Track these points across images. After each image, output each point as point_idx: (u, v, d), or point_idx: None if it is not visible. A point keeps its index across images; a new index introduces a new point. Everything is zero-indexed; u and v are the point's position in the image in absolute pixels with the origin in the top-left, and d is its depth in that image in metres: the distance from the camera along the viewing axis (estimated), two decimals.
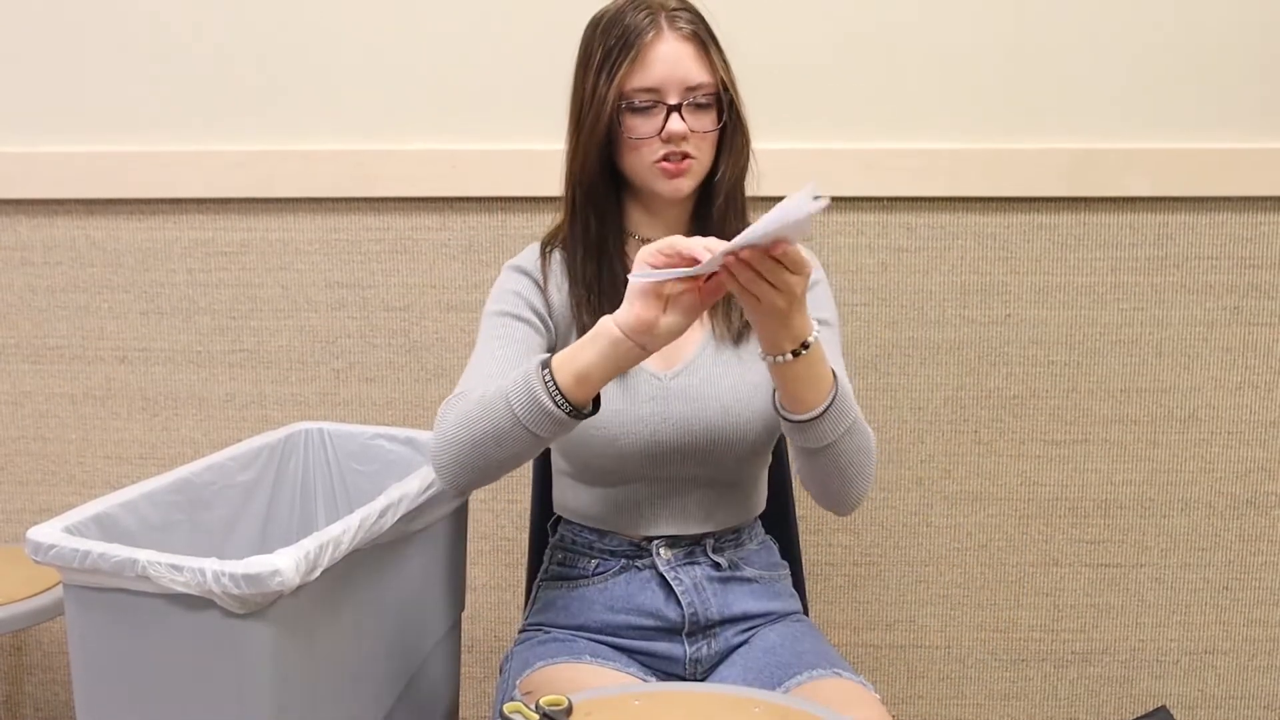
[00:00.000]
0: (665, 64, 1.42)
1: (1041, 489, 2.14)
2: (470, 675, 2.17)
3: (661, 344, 1.25)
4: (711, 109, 1.46)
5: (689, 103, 1.43)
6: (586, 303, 1.50)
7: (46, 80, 2.15)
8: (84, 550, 1.29)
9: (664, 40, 1.43)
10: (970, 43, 2.04)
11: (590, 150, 1.47)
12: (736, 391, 1.49)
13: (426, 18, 2.08)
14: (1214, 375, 2.10)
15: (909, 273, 2.09)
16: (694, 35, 1.44)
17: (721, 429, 1.48)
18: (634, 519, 1.53)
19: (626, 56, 1.42)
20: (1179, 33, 2.02)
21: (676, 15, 1.44)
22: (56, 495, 2.25)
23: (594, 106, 1.45)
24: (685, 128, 1.43)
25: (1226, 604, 2.16)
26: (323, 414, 2.18)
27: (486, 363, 1.45)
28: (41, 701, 2.32)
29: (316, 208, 2.14)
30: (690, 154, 1.45)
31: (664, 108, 1.43)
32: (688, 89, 1.43)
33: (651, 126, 1.44)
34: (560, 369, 1.28)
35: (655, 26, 1.43)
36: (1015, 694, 2.19)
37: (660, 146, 1.44)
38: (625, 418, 1.48)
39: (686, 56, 1.43)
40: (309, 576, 1.29)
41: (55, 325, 2.21)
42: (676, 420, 1.48)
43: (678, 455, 1.49)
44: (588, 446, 1.50)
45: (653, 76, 1.42)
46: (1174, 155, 2.04)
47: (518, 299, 1.52)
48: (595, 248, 1.51)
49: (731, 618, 1.53)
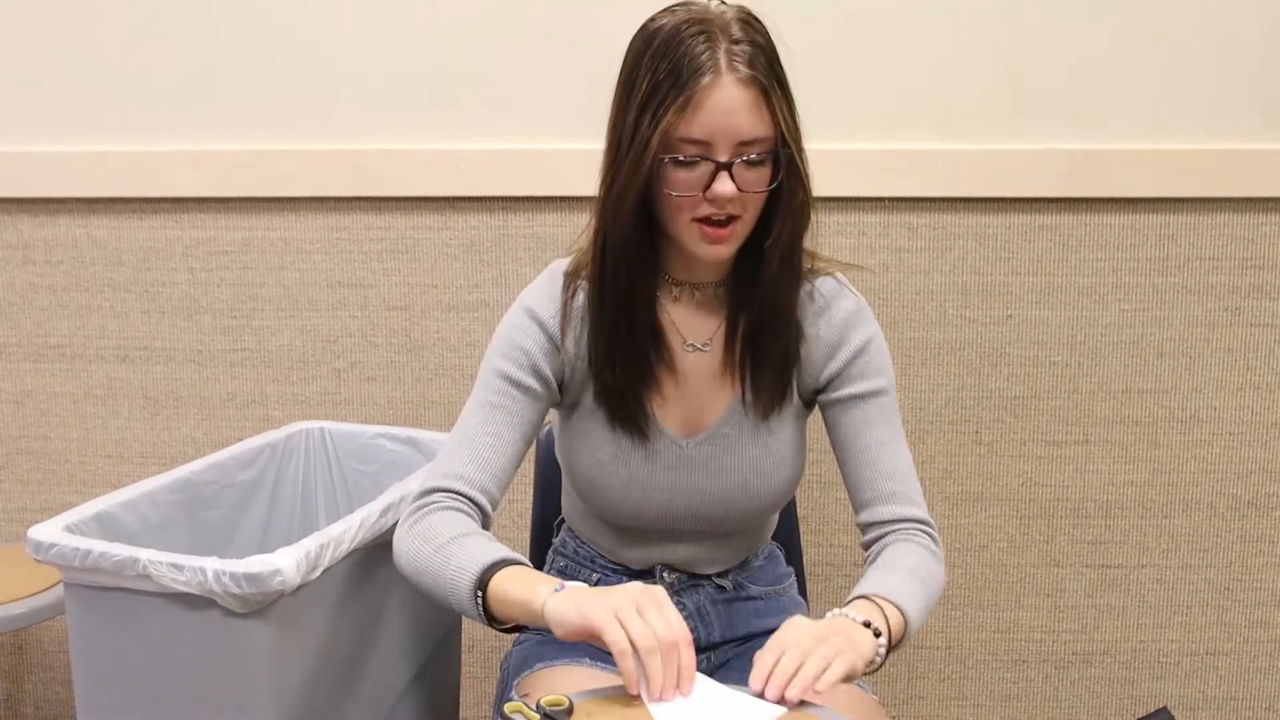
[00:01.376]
0: (719, 114, 1.24)
1: (1042, 490, 2.14)
2: (471, 675, 2.17)
3: None
4: (766, 165, 1.28)
5: (741, 160, 1.26)
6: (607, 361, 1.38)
7: (48, 80, 2.15)
8: (85, 549, 1.29)
9: (720, 86, 1.23)
10: (971, 42, 2.03)
11: (625, 200, 1.29)
12: (759, 464, 1.42)
13: (428, 17, 2.08)
14: (1215, 376, 2.10)
15: (910, 273, 2.09)
16: (754, 80, 1.24)
17: (739, 500, 1.43)
18: (641, 556, 1.50)
19: (675, 100, 1.23)
20: (1180, 33, 2.02)
21: (737, 51, 1.25)
22: (57, 494, 2.25)
23: (634, 150, 1.27)
24: (733, 189, 1.25)
25: (1228, 605, 2.15)
26: (324, 413, 2.18)
27: (474, 440, 1.35)
28: (42, 700, 2.32)
29: (318, 207, 2.14)
30: (736, 214, 1.28)
31: (712, 165, 1.25)
32: (741, 144, 1.25)
33: (695, 182, 1.26)
34: (493, 598, 1.21)
35: (713, 66, 1.23)
36: (1016, 695, 2.19)
37: (703, 206, 1.27)
38: (640, 485, 1.41)
39: (744, 106, 1.24)
40: (310, 576, 1.29)
41: (57, 324, 2.21)
42: (693, 490, 1.42)
43: (691, 518, 1.44)
44: (598, 502, 1.45)
45: (702, 128, 1.24)
46: (1176, 156, 2.04)
47: (523, 358, 1.38)
48: (624, 301, 1.35)
49: (734, 639, 1.52)
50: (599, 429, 1.41)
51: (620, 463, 1.41)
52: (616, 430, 1.41)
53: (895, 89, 2.05)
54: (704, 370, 1.42)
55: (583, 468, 1.44)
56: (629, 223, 1.31)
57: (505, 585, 1.21)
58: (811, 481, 2.09)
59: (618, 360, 1.37)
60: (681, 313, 1.42)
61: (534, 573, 1.24)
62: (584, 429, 1.43)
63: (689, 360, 1.42)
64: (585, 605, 1.13)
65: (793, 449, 1.45)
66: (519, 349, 1.38)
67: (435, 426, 2.08)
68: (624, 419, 1.40)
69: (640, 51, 1.29)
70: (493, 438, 1.35)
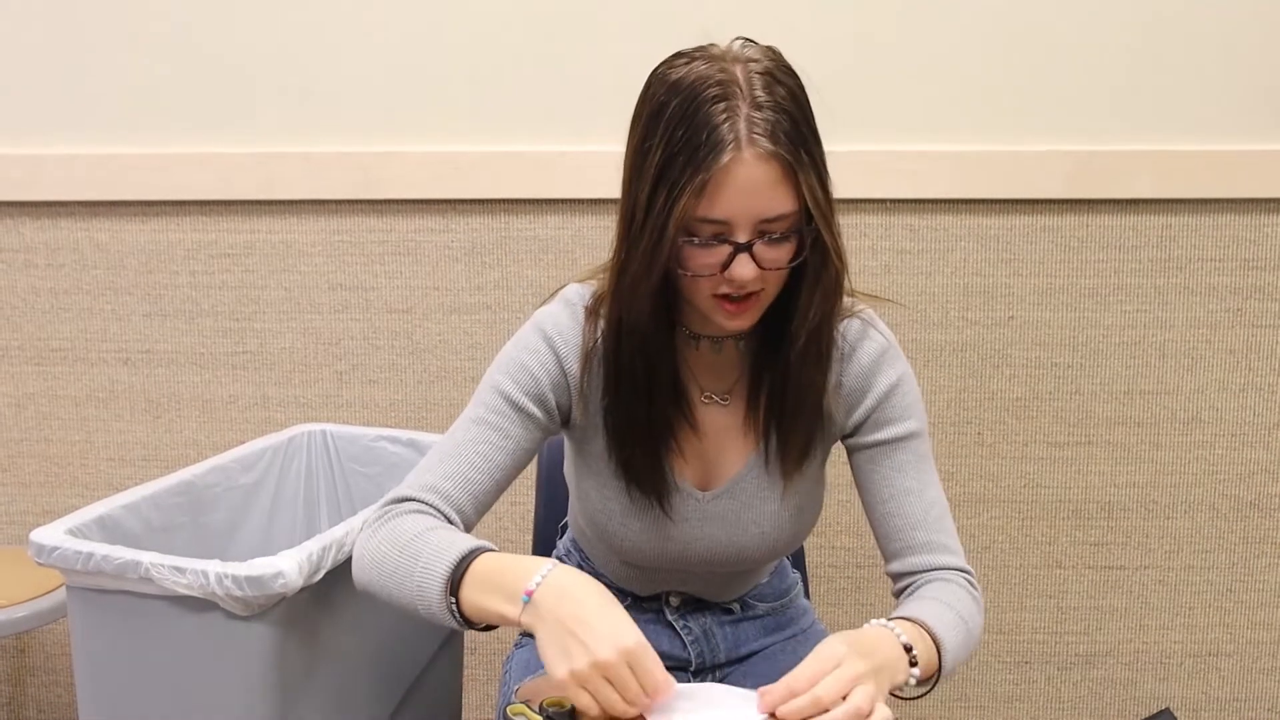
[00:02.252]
0: (738, 195, 1.13)
1: (1044, 491, 2.14)
2: (474, 678, 2.17)
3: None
4: (791, 240, 1.18)
5: (763, 239, 1.16)
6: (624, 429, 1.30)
7: (50, 83, 2.15)
8: (87, 552, 1.29)
9: (740, 164, 1.12)
10: (973, 44, 2.03)
11: (640, 289, 1.20)
12: (777, 519, 1.35)
13: (429, 20, 2.08)
14: (1217, 377, 2.10)
15: (912, 275, 2.09)
16: (776, 155, 1.12)
17: (754, 551, 1.36)
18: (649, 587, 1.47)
19: (693, 180, 1.12)
20: (1181, 35, 2.02)
21: (758, 119, 1.12)
22: (59, 497, 2.26)
23: (650, 231, 1.16)
24: (754, 271, 1.16)
25: (1230, 606, 2.15)
26: (325, 416, 2.18)
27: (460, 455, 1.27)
28: (44, 703, 2.32)
29: (319, 210, 2.14)
30: (757, 289, 1.20)
31: (731, 245, 1.16)
32: (763, 223, 1.15)
33: (713, 261, 1.17)
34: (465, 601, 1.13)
35: (734, 142, 1.12)
36: (1018, 696, 2.19)
37: (722, 283, 1.18)
38: (652, 535, 1.35)
39: (767, 184, 1.13)
40: (312, 578, 1.29)
41: (59, 327, 2.22)
42: (708, 540, 1.35)
43: (703, 566, 1.39)
44: (608, 542, 1.39)
45: (720, 209, 1.14)
46: (1177, 157, 2.04)
47: (530, 382, 1.28)
48: (643, 379, 1.27)
49: (739, 657, 1.51)
50: (612, 479, 1.34)
51: (633, 516, 1.35)
52: (631, 486, 1.33)
53: (897, 91, 2.05)
54: (723, 424, 1.35)
55: (594, 512, 1.38)
56: (646, 307, 1.22)
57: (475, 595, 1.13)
58: None
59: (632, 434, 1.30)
60: (699, 362, 1.33)
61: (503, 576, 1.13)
62: (597, 476, 1.36)
63: (707, 412, 1.34)
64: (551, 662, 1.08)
65: (812, 498, 1.39)
66: (527, 372, 1.28)
67: (437, 429, 2.08)
68: (639, 480, 1.32)
69: (655, 113, 1.17)
70: (480, 457, 1.26)
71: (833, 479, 2.07)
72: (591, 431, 1.33)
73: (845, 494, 2.09)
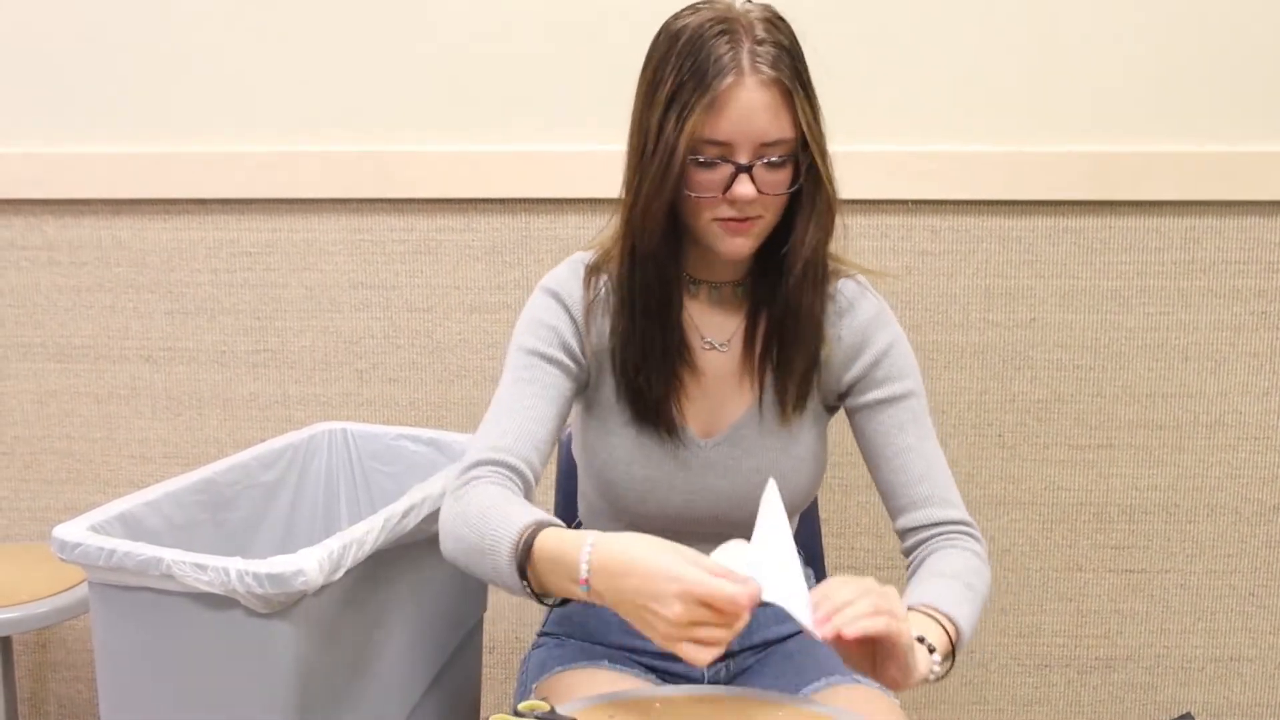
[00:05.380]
0: (740, 116, 1.24)
1: (1066, 494, 2.13)
2: (492, 676, 2.17)
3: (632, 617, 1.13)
4: (787, 167, 1.28)
5: (762, 162, 1.26)
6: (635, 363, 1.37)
7: (73, 82, 2.16)
8: (109, 549, 1.30)
9: (743, 87, 1.23)
10: (995, 45, 2.03)
11: (654, 206, 1.29)
12: (778, 468, 1.39)
13: (450, 19, 2.08)
14: (1241, 380, 2.09)
15: (933, 276, 2.08)
16: (777, 81, 1.24)
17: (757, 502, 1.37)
18: None
19: (700, 101, 1.23)
20: (1205, 35, 2.01)
21: (760, 51, 1.24)
22: (81, 494, 2.27)
23: (660, 154, 1.26)
24: (753, 192, 1.26)
25: (1253, 611, 2.14)
26: (346, 414, 2.18)
27: (512, 413, 1.34)
28: (65, 699, 2.33)
29: (340, 208, 2.15)
30: (757, 215, 1.29)
31: (733, 167, 1.26)
32: (763, 145, 1.25)
33: (716, 183, 1.27)
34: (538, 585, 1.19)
35: (736, 67, 1.23)
36: (1038, 700, 2.18)
37: (723, 205, 1.28)
38: (657, 483, 1.41)
39: (765, 108, 1.24)
40: (332, 576, 1.29)
41: (81, 325, 2.23)
42: (711, 491, 1.41)
43: (709, 519, 1.42)
44: (616, 498, 1.43)
45: (724, 129, 1.24)
46: (1201, 158, 2.03)
47: (550, 334, 1.38)
48: (656, 305, 1.35)
49: (752, 645, 1.51)
50: (619, 426, 1.41)
51: (639, 461, 1.40)
52: (638, 429, 1.40)
53: (919, 91, 2.04)
54: (723, 370, 1.41)
55: (601, 464, 1.43)
56: (658, 229, 1.30)
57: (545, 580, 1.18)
58: (834, 485, 2.08)
59: (640, 362, 1.36)
60: (700, 311, 1.41)
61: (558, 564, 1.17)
62: (603, 425, 1.42)
63: (707, 359, 1.41)
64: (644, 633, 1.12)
65: (812, 452, 1.43)
66: (545, 326, 1.38)
67: (457, 428, 2.09)
68: (646, 418, 1.39)
69: (664, 52, 1.28)
70: (531, 410, 1.33)
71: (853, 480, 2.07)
72: (599, 379, 1.41)
73: (865, 495, 2.09)
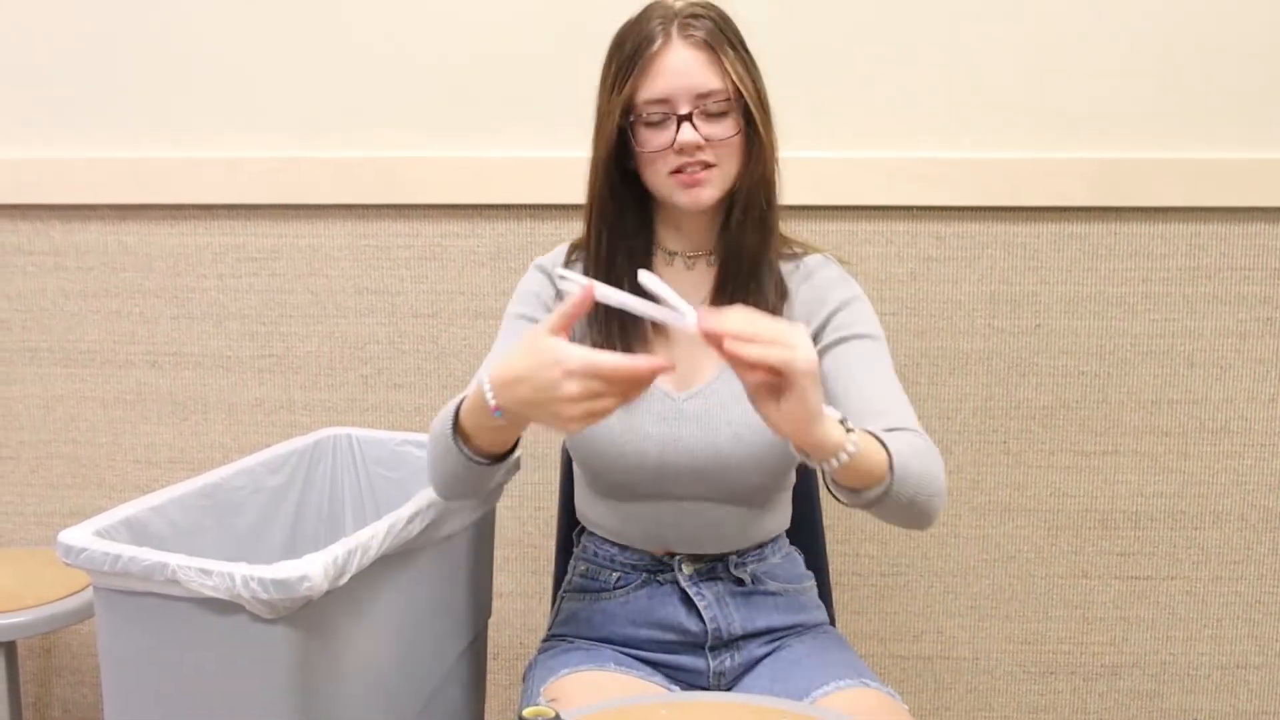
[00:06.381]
0: (673, 73, 1.38)
1: (1071, 500, 2.12)
2: (496, 682, 2.17)
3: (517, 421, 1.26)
4: (729, 115, 1.40)
5: (701, 110, 1.39)
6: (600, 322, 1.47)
7: (80, 88, 2.17)
8: (114, 554, 1.30)
9: (672, 49, 1.39)
10: (999, 51, 2.03)
11: (600, 164, 1.45)
12: (749, 418, 1.38)
13: (455, 25, 2.09)
14: (1247, 387, 2.08)
15: (938, 282, 2.08)
16: (704, 42, 1.39)
17: (733, 454, 1.44)
18: (651, 535, 1.52)
19: (634, 68, 1.39)
20: (1209, 40, 2.01)
21: (690, 22, 1.40)
22: (87, 498, 2.27)
23: (604, 117, 1.43)
24: (697, 137, 1.38)
25: (1259, 618, 2.13)
26: (351, 420, 2.19)
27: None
28: (70, 703, 2.34)
29: (346, 214, 2.15)
30: (710, 163, 1.41)
31: (675, 119, 1.39)
32: (698, 96, 1.38)
33: (664, 139, 1.40)
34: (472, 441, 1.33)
35: (665, 35, 1.39)
36: (1044, 707, 2.18)
37: (675, 158, 1.40)
38: (633, 435, 1.46)
39: (696, 64, 1.38)
40: (337, 582, 1.29)
41: (87, 329, 2.23)
42: (686, 443, 1.45)
43: (688, 476, 1.46)
44: (598, 459, 1.49)
45: (660, 87, 1.39)
46: (1206, 164, 2.02)
47: (536, 300, 1.52)
48: (606, 265, 1.47)
49: (755, 632, 1.52)
50: None
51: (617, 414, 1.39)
52: None
53: (923, 98, 2.04)
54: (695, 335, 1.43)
55: None
56: (605, 184, 1.45)
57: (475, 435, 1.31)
58: None
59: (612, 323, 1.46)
60: (673, 279, 1.47)
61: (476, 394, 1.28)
62: None
63: None
64: (558, 434, 1.24)
65: None
66: (530, 294, 1.53)
67: None
68: None
69: (611, 49, 1.45)
70: None
71: None
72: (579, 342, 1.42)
73: None
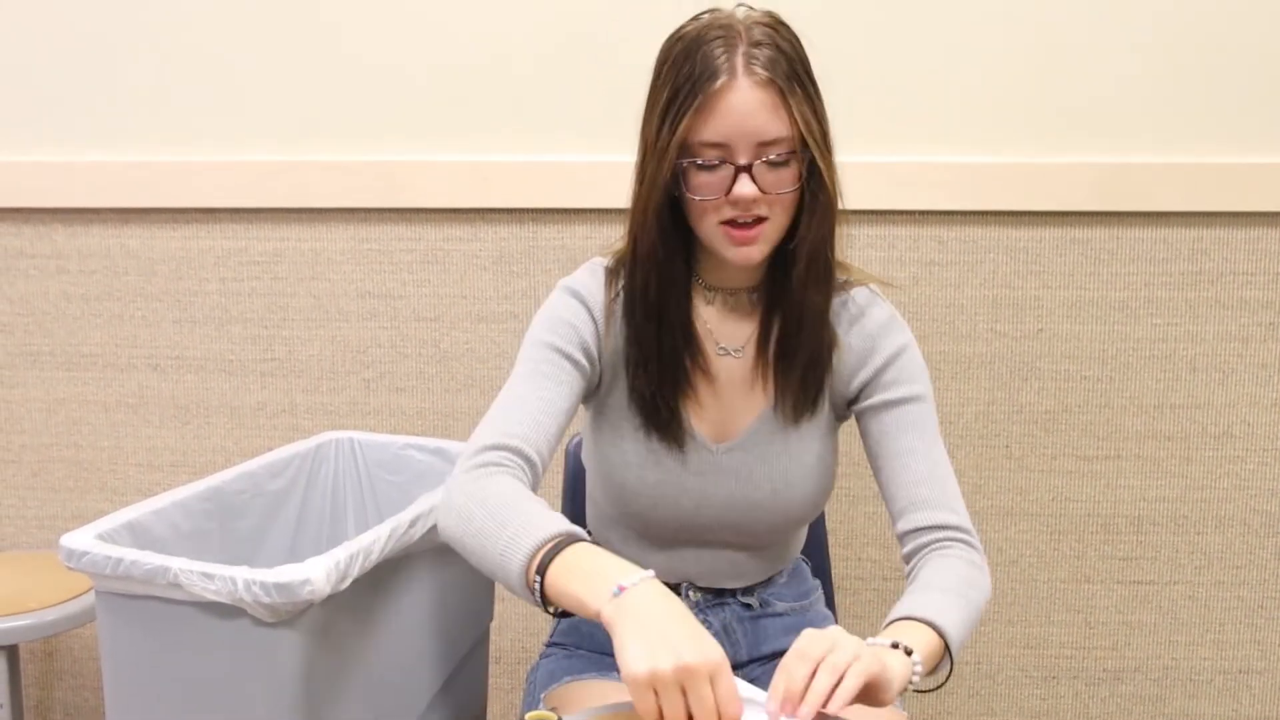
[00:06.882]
0: (735, 116, 1.24)
1: (1073, 505, 2.12)
2: (498, 687, 2.17)
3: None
4: (790, 165, 1.27)
5: (762, 161, 1.26)
6: (641, 366, 1.38)
7: (81, 91, 2.17)
8: (116, 557, 1.30)
9: (735, 89, 1.24)
10: (1002, 56, 2.03)
11: (649, 207, 1.31)
12: (789, 474, 1.41)
13: (457, 29, 2.09)
14: (1249, 391, 2.08)
15: (940, 286, 2.08)
16: (771, 82, 1.25)
17: (768, 509, 1.42)
18: (664, 566, 1.47)
19: (692, 104, 1.25)
20: (1212, 45, 2.01)
21: (756, 53, 1.25)
22: (89, 502, 2.27)
23: (655, 156, 1.29)
24: (755, 191, 1.26)
25: (1261, 623, 2.13)
26: (353, 423, 2.19)
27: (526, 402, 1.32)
28: (72, 707, 2.33)
29: (348, 218, 2.15)
30: (763, 216, 1.28)
31: (733, 168, 1.26)
32: (760, 145, 1.26)
33: (717, 185, 1.27)
34: (551, 581, 1.13)
35: (729, 69, 1.24)
36: (1046, 711, 2.17)
37: (726, 207, 1.28)
38: (669, 488, 1.41)
39: (761, 107, 1.25)
40: (339, 586, 1.29)
41: (89, 333, 2.23)
42: (723, 497, 1.41)
43: (717, 526, 1.43)
44: (626, 504, 1.44)
45: (719, 131, 1.25)
46: (1208, 169, 2.02)
47: (571, 331, 1.37)
48: (655, 307, 1.36)
49: (761, 657, 1.51)
50: (631, 431, 1.41)
51: (650, 466, 1.40)
52: (649, 434, 1.40)
53: (925, 102, 2.04)
54: (736, 376, 1.42)
55: (612, 469, 1.43)
56: (654, 229, 1.32)
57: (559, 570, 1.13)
58: (840, 495, 2.08)
59: (651, 365, 1.37)
60: (715, 317, 1.42)
61: (597, 567, 1.13)
62: (615, 430, 1.42)
63: (722, 365, 1.41)
64: (631, 660, 1.03)
65: (823, 460, 1.43)
66: (567, 324, 1.37)
67: (464, 437, 2.07)
68: (657, 423, 1.39)
69: (663, 60, 1.31)
70: (546, 403, 1.32)
71: (860, 490, 2.07)
72: (612, 383, 1.41)
73: (872, 506, 2.09)
